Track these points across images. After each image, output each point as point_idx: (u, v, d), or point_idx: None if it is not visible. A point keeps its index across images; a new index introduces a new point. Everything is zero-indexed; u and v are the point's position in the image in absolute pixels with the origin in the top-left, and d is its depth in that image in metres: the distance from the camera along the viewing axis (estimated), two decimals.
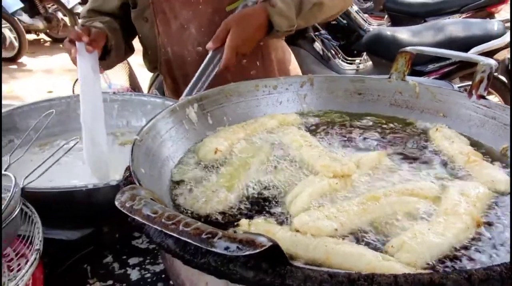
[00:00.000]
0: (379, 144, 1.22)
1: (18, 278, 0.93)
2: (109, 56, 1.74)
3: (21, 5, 7.94)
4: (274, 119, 1.33)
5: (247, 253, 0.65)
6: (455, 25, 4.39)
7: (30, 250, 1.09)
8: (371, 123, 1.34)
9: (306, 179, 1.04)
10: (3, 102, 2.29)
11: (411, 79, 1.41)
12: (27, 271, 0.93)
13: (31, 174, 1.19)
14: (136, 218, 0.73)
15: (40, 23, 8.55)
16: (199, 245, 0.67)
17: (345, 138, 1.26)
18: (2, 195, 1.12)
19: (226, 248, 0.66)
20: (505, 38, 4.18)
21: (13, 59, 8.11)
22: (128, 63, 3.53)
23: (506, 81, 4.36)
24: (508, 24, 4.33)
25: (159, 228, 0.70)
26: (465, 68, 4.20)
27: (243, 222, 0.91)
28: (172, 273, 0.93)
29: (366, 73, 4.63)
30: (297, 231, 0.88)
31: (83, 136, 1.45)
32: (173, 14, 1.76)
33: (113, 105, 1.73)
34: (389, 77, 1.42)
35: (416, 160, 1.13)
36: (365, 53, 5.08)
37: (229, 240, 0.66)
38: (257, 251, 0.65)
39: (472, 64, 1.23)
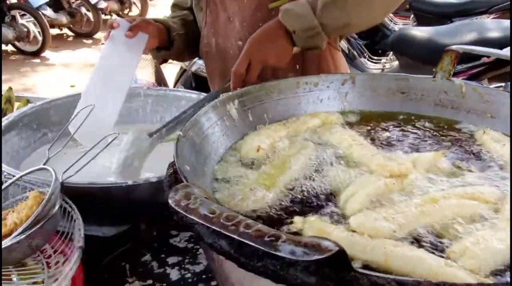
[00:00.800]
0: (427, 145, 1.18)
1: (62, 276, 0.91)
2: (172, 47, 1.81)
3: None
4: (317, 117, 1.29)
5: (314, 258, 0.61)
6: (486, 25, 4.31)
7: (69, 247, 1.06)
8: (416, 123, 1.30)
9: (360, 178, 1.00)
10: (27, 95, 2.28)
11: (457, 79, 1.36)
12: (71, 269, 0.91)
13: (69, 168, 1.16)
14: (192, 217, 0.70)
15: (63, 18, 8.63)
16: (262, 248, 0.63)
17: (391, 138, 1.22)
18: (42, 190, 1.10)
19: (292, 252, 0.62)
20: None
21: (36, 53, 8.18)
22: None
23: None
24: None
25: (218, 229, 0.67)
26: (494, 69, 4.11)
27: (297, 219, 0.88)
28: (220, 275, 0.90)
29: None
30: (354, 231, 0.85)
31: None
32: (223, 6, 1.75)
33: (147, 100, 1.71)
34: (434, 77, 1.38)
35: (470, 162, 1.09)
36: (391, 53, 5.01)
37: (293, 243, 0.62)
38: (324, 256, 0.62)
39: (501, 65, 1.21)
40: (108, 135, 1.22)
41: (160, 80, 3.46)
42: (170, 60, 2.01)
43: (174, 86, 3.60)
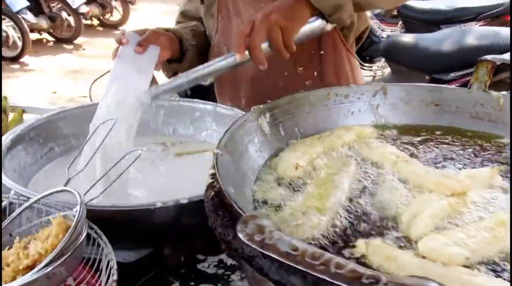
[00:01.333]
0: (475, 160, 1.11)
1: None
2: (185, 59, 1.68)
3: (27, 3, 7.80)
4: (351, 131, 1.22)
5: None
6: (479, 32, 4.30)
7: (95, 279, 0.97)
8: (455, 137, 1.23)
9: (420, 197, 0.94)
10: (22, 105, 2.15)
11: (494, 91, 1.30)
12: None
13: (90, 189, 1.07)
14: (271, 254, 0.61)
15: (44, 22, 8.43)
16: None
17: (433, 154, 1.15)
18: (63, 213, 1.00)
19: None
20: None
21: (15, 59, 7.96)
22: None
23: None
24: None
25: (305, 269, 0.59)
26: None
27: (360, 243, 0.82)
28: None
29: (384, 81, 4.53)
30: (423, 257, 0.78)
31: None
32: (236, 11, 1.66)
33: (158, 112, 1.60)
34: (469, 88, 1.31)
35: None
36: (383, 60, 4.98)
37: None
38: None
39: (495, 72, 1.20)
40: (132, 150, 1.12)
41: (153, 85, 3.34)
42: None
43: None
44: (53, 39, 9.17)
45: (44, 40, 9.26)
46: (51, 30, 8.84)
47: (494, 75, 3.81)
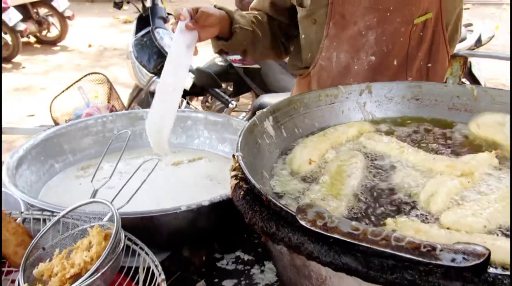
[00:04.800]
0: (463, 147, 1.24)
1: None
2: (231, 39, 1.74)
3: None
4: (353, 127, 1.33)
5: (473, 263, 0.64)
6: None
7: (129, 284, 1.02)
8: (437, 127, 1.36)
9: (434, 179, 1.07)
10: None
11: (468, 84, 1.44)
12: None
13: (115, 197, 1.12)
14: (335, 236, 0.70)
15: None
16: (420, 259, 0.65)
17: (427, 143, 1.28)
18: (93, 224, 1.05)
19: (453, 260, 0.64)
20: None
21: None
22: (107, 79, 3.41)
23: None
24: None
25: (368, 246, 0.67)
26: None
27: (389, 221, 0.93)
28: None
29: None
30: (448, 228, 0.90)
31: (154, 106, 1.49)
32: (354, 19, 1.68)
33: None
34: (445, 82, 1.44)
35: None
36: None
37: (452, 251, 0.65)
38: (481, 260, 0.64)
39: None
40: (148, 159, 1.19)
41: (115, 101, 3.36)
42: (124, 80, 1.91)
43: (129, 107, 3.51)
44: None
45: None
46: None
47: None
